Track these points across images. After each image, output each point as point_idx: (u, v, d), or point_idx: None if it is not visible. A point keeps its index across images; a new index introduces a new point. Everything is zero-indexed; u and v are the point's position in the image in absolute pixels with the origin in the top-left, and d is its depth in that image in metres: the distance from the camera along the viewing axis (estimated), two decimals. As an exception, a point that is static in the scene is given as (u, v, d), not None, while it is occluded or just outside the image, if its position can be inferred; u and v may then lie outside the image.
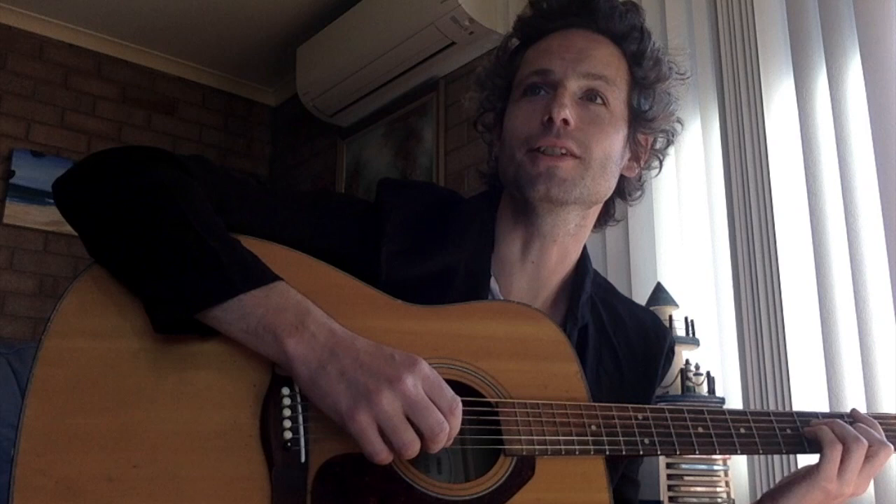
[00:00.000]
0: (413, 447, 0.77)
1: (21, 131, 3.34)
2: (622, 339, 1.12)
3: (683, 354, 1.75)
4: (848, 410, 1.07)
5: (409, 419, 0.77)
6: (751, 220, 1.81)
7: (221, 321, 0.80)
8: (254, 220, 0.93)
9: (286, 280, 0.84)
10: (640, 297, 1.94)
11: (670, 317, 1.77)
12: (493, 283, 1.06)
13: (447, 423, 0.78)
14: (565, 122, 1.00)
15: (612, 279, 2.07)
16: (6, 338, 3.11)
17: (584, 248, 1.14)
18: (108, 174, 0.89)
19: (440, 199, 1.09)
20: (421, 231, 1.03)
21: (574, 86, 1.03)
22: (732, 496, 1.60)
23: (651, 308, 1.78)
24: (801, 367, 1.68)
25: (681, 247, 2.00)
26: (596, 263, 2.10)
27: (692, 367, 1.70)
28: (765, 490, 1.56)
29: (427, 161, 3.03)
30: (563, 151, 1.00)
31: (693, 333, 1.77)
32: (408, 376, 0.77)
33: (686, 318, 1.78)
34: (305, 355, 0.78)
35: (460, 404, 0.81)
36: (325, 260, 0.92)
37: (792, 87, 1.80)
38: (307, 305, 0.82)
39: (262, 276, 0.82)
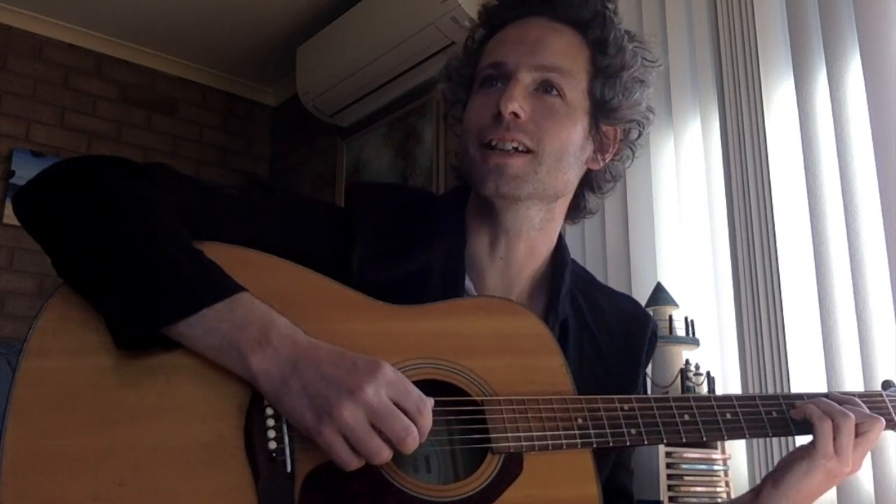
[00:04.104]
0: (381, 454, 0.77)
1: (21, 131, 3.34)
2: (603, 328, 1.11)
3: (683, 354, 1.75)
4: (827, 392, 1.06)
5: (375, 427, 0.77)
6: (751, 220, 1.80)
7: (185, 337, 0.79)
8: (222, 226, 0.92)
9: (261, 285, 0.83)
10: (640, 297, 1.93)
11: (670, 317, 1.77)
12: (468, 282, 1.05)
13: (413, 427, 0.78)
14: (515, 115, 0.99)
15: (611, 279, 2.07)
16: (6, 338, 3.11)
17: (562, 239, 1.13)
18: (68, 185, 0.87)
19: (411, 199, 1.08)
20: (393, 233, 1.02)
21: (527, 78, 1.01)
22: (732, 496, 1.60)
23: (651, 308, 1.78)
24: (801, 366, 1.68)
25: (681, 247, 2.00)
26: (596, 263, 2.13)
27: (692, 367, 1.70)
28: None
29: (427, 161, 3.03)
30: (515, 146, 0.99)
31: (693, 333, 1.77)
32: (369, 385, 0.77)
33: (686, 318, 1.78)
34: (269, 371, 0.78)
35: (429, 404, 0.80)
36: None
37: (792, 87, 1.79)
38: (271, 317, 0.81)
39: (225, 288, 0.81)
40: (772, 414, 1.01)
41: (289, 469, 0.79)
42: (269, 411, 0.80)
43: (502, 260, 1.07)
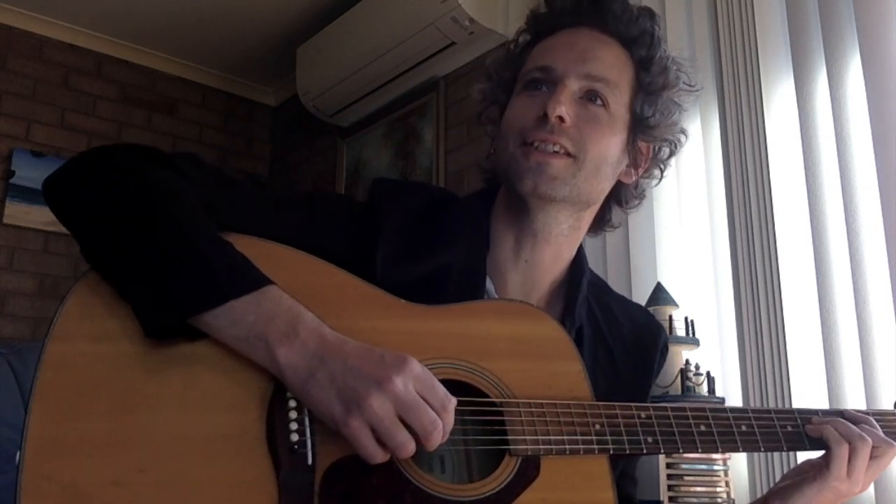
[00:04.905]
0: (407, 447, 0.77)
1: (21, 131, 3.34)
2: (617, 337, 1.12)
3: (683, 354, 1.75)
4: (842, 410, 1.07)
5: (402, 419, 0.77)
6: (751, 220, 1.81)
7: (212, 327, 0.79)
8: (247, 220, 0.92)
9: (286, 280, 0.84)
10: (640, 297, 1.94)
11: (670, 317, 1.77)
12: (489, 284, 1.05)
13: (440, 421, 0.78)
14: (561, 119, 1.00)
15: (612, 279, 2.07)
16: (6, 338, 3.11)
17: (581, 248, 1.13)
18: (99, 174, 0.88)
19: (435, 199, 1.09)
20: (416, 233, 1.03)
21: (574, 85, 1.02)
22: (732, 496, 1.60)
23: (651, 308, 1.78)
24: (801, 367, 1.68)
25: (681, 247, 2.00)
26: (596, 263, 2.12)
27: (692, 367, 1.70)
28: (765, 489, 1.56)
29: (427, 161, 3.03)
30: (557, 149, 1.00)
31: (693, 333, 1.77)
32: (397, 377, 0.77)
33: (686, 318, 1.78)
34: (296, 364, 0.78)
35: (453, 401, 0.81)
36: None
37: (792, 87, 1.80)
38: (298, 311, 0.82)
39: (253, 280, 0.82)
40: (787, 428, 1.02)
41: (310, 462, 0.79)
42: (292, 403, 0.81)
43: (526, 263, 1.07)
